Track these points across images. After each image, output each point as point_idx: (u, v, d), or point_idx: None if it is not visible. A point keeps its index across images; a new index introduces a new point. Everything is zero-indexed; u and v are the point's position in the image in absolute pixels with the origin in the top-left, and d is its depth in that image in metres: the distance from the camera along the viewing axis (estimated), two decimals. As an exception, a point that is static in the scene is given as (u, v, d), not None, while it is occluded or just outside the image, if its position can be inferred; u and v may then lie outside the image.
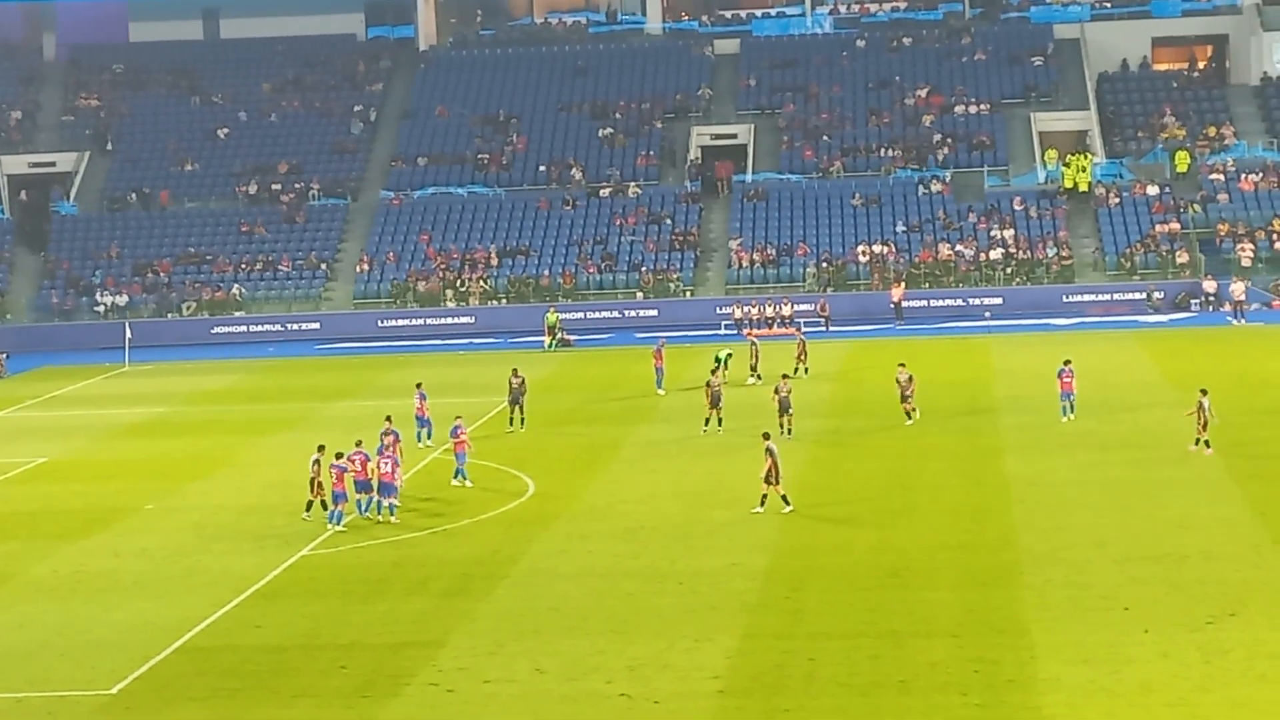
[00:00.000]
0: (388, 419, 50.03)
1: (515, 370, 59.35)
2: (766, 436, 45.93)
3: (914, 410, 57.12)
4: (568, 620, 36.66)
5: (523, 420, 58.57)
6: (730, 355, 65.38)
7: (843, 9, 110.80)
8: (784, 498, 45.27)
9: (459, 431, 50.51)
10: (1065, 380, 56.29)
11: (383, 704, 31.95)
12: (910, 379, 57.23)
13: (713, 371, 59.01)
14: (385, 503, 46.21)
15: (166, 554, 44.21)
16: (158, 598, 40.10)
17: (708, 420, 56.92)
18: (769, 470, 44.87)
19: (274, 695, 32.76)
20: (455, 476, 50.54)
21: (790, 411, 55.09)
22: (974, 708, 30.26)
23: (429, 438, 55.70)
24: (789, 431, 54.51)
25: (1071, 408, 56.23)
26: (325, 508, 45.98)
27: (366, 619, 37.49)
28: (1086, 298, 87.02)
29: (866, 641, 34.18)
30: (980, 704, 30.42)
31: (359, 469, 46.07)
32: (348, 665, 34.27)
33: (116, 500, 51.03)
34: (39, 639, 37.20)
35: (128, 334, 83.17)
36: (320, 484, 46.10)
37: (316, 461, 46.27)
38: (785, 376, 57.32)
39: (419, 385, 57.37)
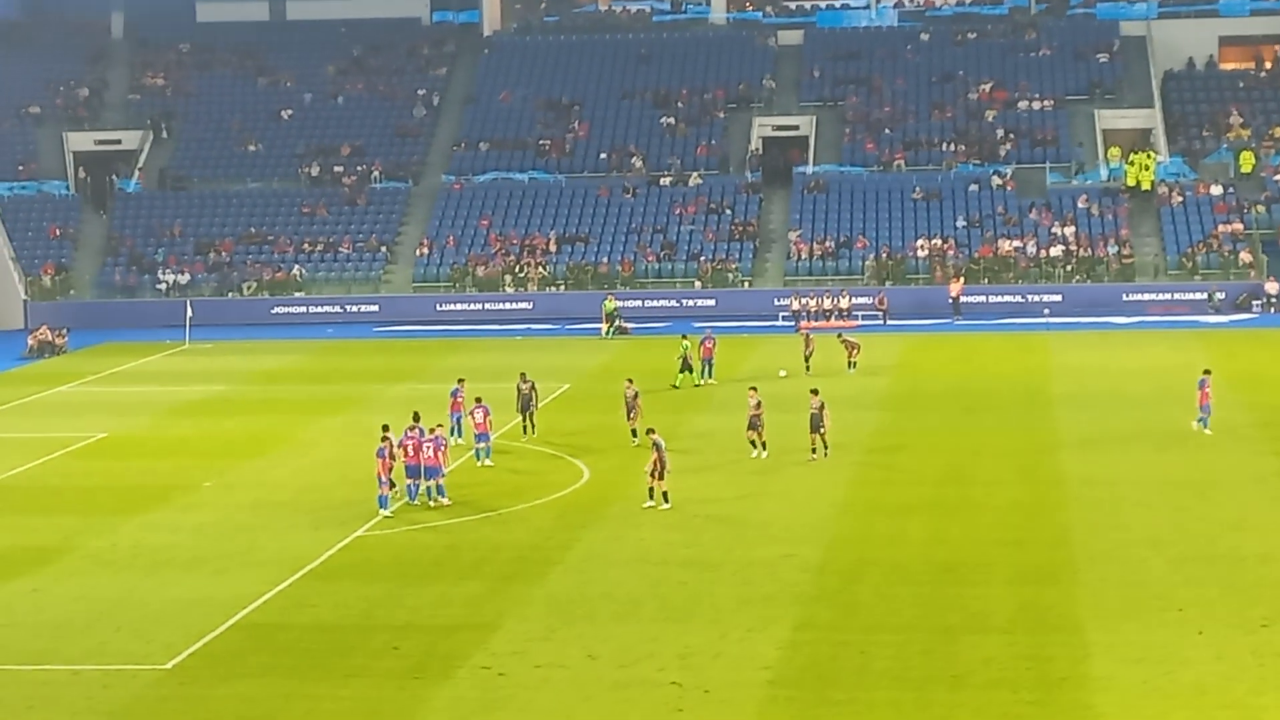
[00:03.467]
0: (415, 415, 48.62)
1: (523, 375, 55.82)
2: (651, 431, 46.09)
3: (762, 442, 51.35)
4: (620, 607, 36.74)
5: (534, 428, 55.35)
6: (689, 347, 64.55)
7: (907, 2, 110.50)
8: (664, 495, 45.19)
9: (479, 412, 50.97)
10: (1205, 391, 53.51)
11: (435, 686, 32.08)
12: (759, 405, 51.31)
13: (629, 380, 55.41)
14: (429, 485, 46.32)
15: (223, 531, 44.51)
16: (214, 574, 40.37)
17: (634, 432, 53.27)
18: (654, 464, 44.90)
19: (327, 674, 32.94)
20: (478, 457, 51.12)
21: (823, 430, 50.58)
22: (1026, 705, 30.19)
23: (459, 435, 53.48)
24: (824, 451, 50.69)
25: (1205, 422, 53.48)
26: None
27: (420, 601, 37.65)
28: (1146, 297, 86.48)
29: (919, 636, 34.15)
30: (1032, 701, 30.35)
31: (410, 454, 46.15)
32: (401, 646, 34.42)
33: (175, 477, 51.37)
34: (96, 612, 37.51)
35: (189, 312, 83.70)
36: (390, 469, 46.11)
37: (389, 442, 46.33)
38: (815, 391, 51.47)
39: (460, 381, 55.23)
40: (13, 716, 31.05)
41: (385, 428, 46.22)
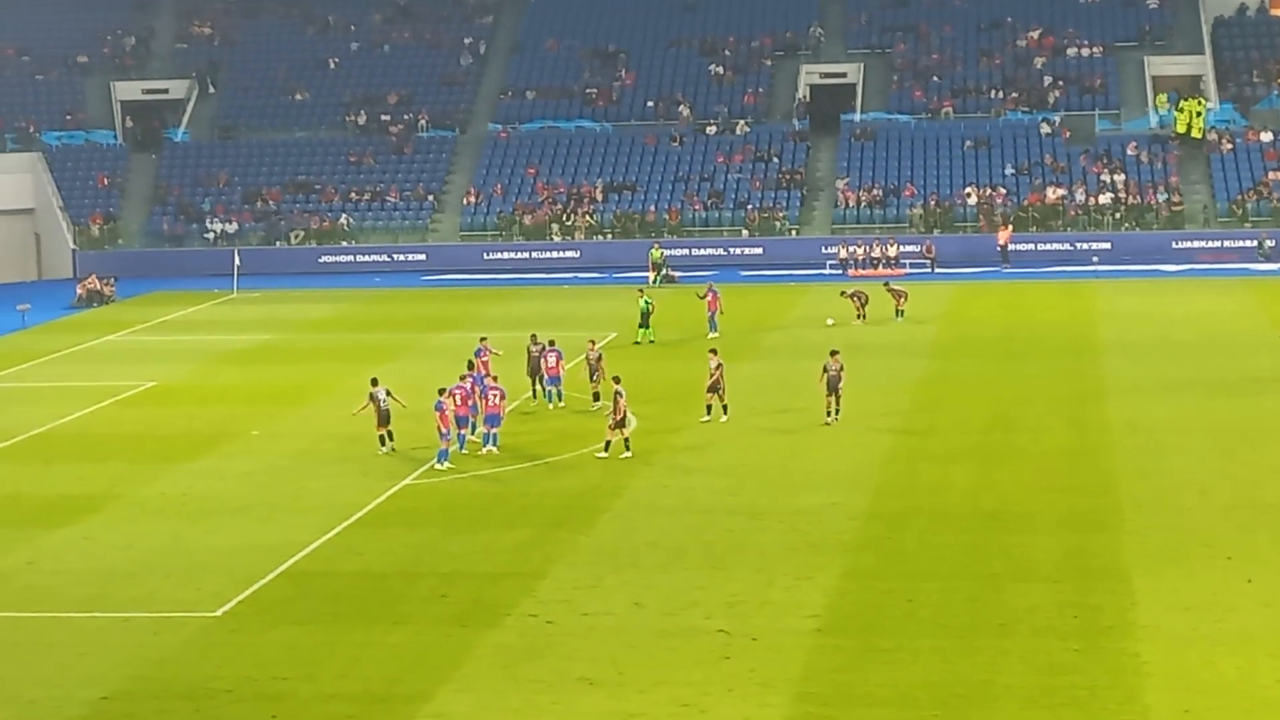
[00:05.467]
0: (470, 364, 49.45)
1: (534, 337, 53.81)
2: (617, 380, 46.05)
3: (723, 405, 49.67)
4: (667, 555, 36.79)
5: (542, 392, 53.32)
6: (650, 302, 64.10)
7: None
8: (626, 442, 45.42)
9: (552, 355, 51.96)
10: None
11: (482, 633, 32.16)
12: (719, 367, 49.70)
13: (592, 343, 53.98)
14: (485, 432, 46.54)
15: (271, 479, 44.72)
16: (261, 522, 40.57)
17: (596, 396, 51.90)
18: (616, 413, 45.16)
19: (375, 621, 33.08)
20: (550, 399, 52.21)
21: (838, 392, 48.76)
22: (1072, 653, 30.14)
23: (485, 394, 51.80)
24: (835, 414, 48.87)
25: None
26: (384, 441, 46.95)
27: (467, 549, 37.77)
28: (1196, 244, 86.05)
29: (965, 584, 34.12)
30: (1079, 649, 30.30)
31: (459, 403, 46.25)
32: (448, 594, 34.55)
33: (222, 425, 51.59)
34: (145, 560, 37.74)
35: (236, 261, 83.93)
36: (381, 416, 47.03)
37: (372, 395, 47.11)
38: (834, 352, 49.62)
39: (483, 339, 54.08)
40: (65, 663, 31.29)
41: (441, 390, 46.09)
